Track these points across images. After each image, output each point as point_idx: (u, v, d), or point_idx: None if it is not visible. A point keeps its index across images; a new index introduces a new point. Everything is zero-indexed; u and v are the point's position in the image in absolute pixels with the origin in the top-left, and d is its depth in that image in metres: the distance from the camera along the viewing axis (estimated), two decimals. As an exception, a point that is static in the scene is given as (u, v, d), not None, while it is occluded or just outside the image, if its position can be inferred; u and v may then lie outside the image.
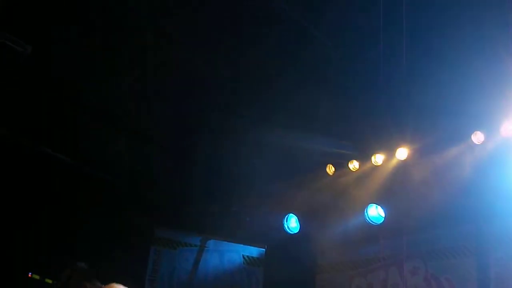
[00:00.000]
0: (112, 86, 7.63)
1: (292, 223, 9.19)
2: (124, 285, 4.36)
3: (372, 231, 8.39)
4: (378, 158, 8.02)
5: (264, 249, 9.78)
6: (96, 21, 6.71)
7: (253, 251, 9.79)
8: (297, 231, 9.10)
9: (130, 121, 8.40)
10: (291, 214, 9.19)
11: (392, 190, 7.97)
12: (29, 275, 7.99)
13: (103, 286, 4.62)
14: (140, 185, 9.36)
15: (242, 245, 9.79)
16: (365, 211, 8.27)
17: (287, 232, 9.17)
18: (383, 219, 8.15)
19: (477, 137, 7.10)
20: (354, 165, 8.29)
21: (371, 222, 8.25)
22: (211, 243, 9.74)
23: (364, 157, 8.21)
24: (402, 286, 8.29)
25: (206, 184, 9.33)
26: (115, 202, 9.05)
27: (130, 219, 8.92)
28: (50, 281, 8.07)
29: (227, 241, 9.80)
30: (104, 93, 7.75)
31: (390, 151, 7.90)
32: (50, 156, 8.83)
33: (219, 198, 9.65)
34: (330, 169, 8.49)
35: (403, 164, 7.75)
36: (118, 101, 7.87)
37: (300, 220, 9.09)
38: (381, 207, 8.19)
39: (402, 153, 7.72)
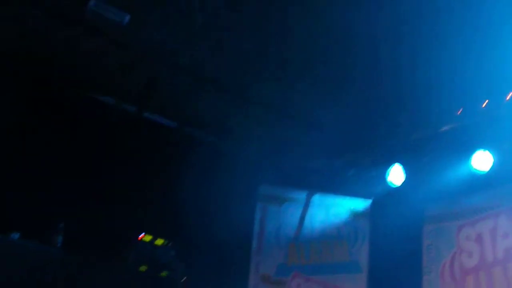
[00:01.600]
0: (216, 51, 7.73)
1: (397, 174, 9.03)
2: (232, 243, 4.42)
3: (480, 179, 8.12)
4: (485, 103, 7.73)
5: (369, 202, 9.71)
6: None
7: (359, 204, 9.73)
8: (403, 182, 8.93)
9: (233, 85, 8.50)
10: (396, 165, 9.03)
11: (500, 135, 7.68)
12: (141, 236, 8.36)
13: None
14: (243, 144, 9.52)
15: (347, 198, 9.76)
16: (472, 158, 8.02)
17: (392, 184, 9.04)
18: (491, 166, 7.87)
19: None
20: (459, 111, 8.03)
21: (478, 170, 7.99)
22: (316, 198, 9.77)
23: (469, 103, 7.93)
24: (513, 234, 8.02)
25: (309, 139, 9.34)
26: (220, 162, 9.28)
27: (235, 177, 9.10)
28: (161, 242, 8.41)
29: (332, 195, 9.81)
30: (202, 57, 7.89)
31: (498, 95, 7.58)
32: (155, 122, 9.18)
33: (322, 153, 9.64)
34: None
35: (512, 107, 7.43)
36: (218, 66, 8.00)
37: (405, 171, 8.92)
38: (489, 152, 7.92)
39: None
